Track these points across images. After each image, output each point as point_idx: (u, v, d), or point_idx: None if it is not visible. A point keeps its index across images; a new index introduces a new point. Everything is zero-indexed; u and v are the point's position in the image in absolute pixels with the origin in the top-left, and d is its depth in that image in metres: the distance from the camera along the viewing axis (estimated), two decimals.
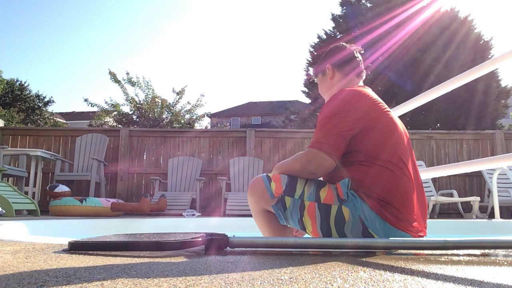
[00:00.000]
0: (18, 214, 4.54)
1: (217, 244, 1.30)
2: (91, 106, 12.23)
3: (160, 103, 12.21)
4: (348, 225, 1.47)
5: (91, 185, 6.05)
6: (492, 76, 13.73)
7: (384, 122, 1.54)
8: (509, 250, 1.37)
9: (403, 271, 0.92)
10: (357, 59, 1.77)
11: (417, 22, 13.37)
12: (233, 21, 72.68)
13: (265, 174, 1.66)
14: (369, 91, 1.64)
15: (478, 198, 5.75)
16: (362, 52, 1.85)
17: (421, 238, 1.42)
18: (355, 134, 1.50)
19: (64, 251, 1.28)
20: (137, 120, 12.28)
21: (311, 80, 1.98)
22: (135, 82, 12.11)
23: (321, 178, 1.65)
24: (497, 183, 5.58)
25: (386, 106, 1.61)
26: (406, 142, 1.60)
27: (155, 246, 1.28)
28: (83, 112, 30.75)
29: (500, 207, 5.58)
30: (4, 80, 21.74)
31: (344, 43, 1.84)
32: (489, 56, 14.20)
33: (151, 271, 0.89)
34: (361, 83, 1.76)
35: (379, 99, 1.61)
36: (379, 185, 1.47)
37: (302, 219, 1.54)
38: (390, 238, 1.41)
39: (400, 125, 1.63)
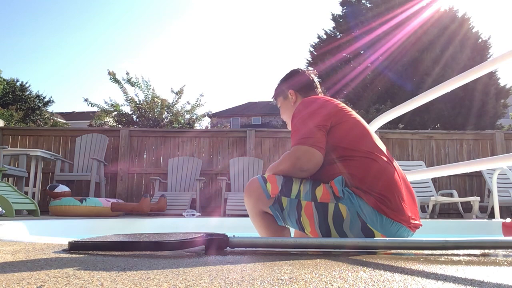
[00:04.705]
0: (18, 214, 4.54)
1: (217, 244, 1.30)
2: (91, 106, 12.21)
3: (159, 103, 12.20)
4: (346, 223, 1.47)
5: (91, 185, 6.05)
6: (491, 76, 13.74)
7: (354, 120, 1.63)
8: (509, 250, 1.37)
9: (403, 271, 0.92)
10: (315, 81, 1.89)
11: (416, 22, 13.38)
12: (233, 21, 72.69)
13: (260, 175, 1.66)
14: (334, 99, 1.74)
15: (478, 198, 5.75)
16: (317, 74, 1.93)
17: (421, 238, 1.42)
18: (329, 129, 1.56)
19: (64, 251, 1.28)
20: (137, 120, 12.27)
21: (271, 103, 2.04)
22: (135, 82, 12.10)
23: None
24: (497, 183, 5.58)
25: (351, 111, 1.69)
26: (385, 147, 1.65)
27: (155, 246, 1.28)
28: (83, 112, 30.72)
29: (500, 207, 5.58)
30: (4, 80, 21.73)
31: (301, 68, 1.95)
32: (488, 56, 14.20)
33: (151, 271, 0.89)
34: None
35: (345, 106, 1.71)
36: (370, 178, 1.48)
37: (300, 219, 1.53)
38: (390, 238, 1.41)
39: (371, 129, 1.70)
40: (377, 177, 1.48)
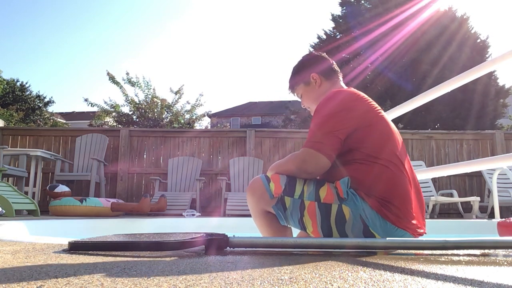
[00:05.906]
0: (18, 214, 4.54)
1: (217, 244, 1.30)
2: (91, 106, 12.22)
3: (159, 103, 12.19)
4: (349, 224, 1.47)
5: (91, 185, 6.05)
6: (490, 76, 13.74)
7: (381, 123, 1.56)
8: (509, 250, 1.37)
9: (403, 271, 0.92)
10: (333, 63, 1.83)
11: (416, 22, 13.39)
12: (233, 21, 72.71)
13: (263, 174, 1.65)
14: (363, 94, 1.64)
15: (478, 198, 5.75)
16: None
17: (421, 238, 1.42)
18: (351, 132, 1.50)
19: (64, 251, 1.28)
20: (137, 120, 12.27)
21: (289, 92, 1.94)
22: (135, 82, 12.10)
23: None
24: (497, 183, 5.58)
25: (380, 109, 1.62)
26: (401, 144, 1.61)
27: (155, 246, 1.28)
28: (83, 112, 30.73)
29: (500, 207, 5.58)
30: (4, 80, 21.73)
31: (315, 52, 1.89)
32: (487, 56, 14.20)
33: (151, 271, 0.89)
34: (342, 83, 1.81)
35: (374, 103, 1.62)
36: (379, 184, 1.47)
37: (303, 219, 1.53)
38: (390, 238, 1.41)
39: (394, 128, 1.64)
40: (386, 185, 1.46)
